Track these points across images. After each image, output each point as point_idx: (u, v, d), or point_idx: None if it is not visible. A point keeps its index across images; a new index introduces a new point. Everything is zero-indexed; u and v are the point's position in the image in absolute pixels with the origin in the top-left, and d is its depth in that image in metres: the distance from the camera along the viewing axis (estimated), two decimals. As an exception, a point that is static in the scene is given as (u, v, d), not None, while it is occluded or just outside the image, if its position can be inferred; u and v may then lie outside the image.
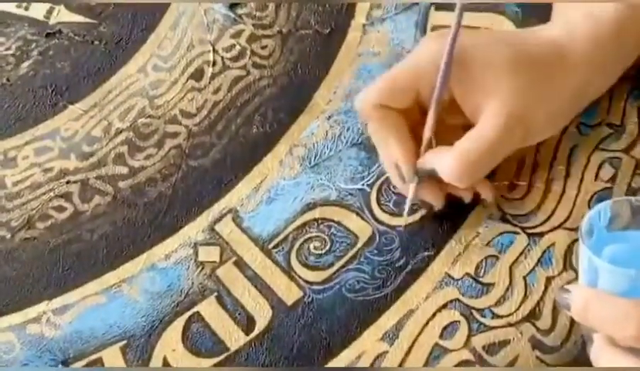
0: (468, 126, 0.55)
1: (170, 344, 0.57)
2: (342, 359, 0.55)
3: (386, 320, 0.56)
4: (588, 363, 0.49)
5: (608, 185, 0.58)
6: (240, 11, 0.72)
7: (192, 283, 0.59)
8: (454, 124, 0.57)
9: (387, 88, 0.57)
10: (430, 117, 0.56)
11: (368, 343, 0.55)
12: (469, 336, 0.54)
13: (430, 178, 0.56)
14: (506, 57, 0.54)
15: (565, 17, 0.57)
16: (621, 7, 0.56)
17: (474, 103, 0.55)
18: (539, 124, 0.55)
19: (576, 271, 0.55)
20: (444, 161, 0.54)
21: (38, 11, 0.75)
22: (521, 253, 0.56)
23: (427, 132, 0.56)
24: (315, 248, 0.59)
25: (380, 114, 0.57)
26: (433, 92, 0.55)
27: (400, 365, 0.54)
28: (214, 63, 0.69)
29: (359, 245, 0.59)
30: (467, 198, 0.58)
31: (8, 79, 0.71)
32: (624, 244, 0.49)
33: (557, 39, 0.56)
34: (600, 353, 0.48)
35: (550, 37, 0.56)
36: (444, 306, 0.55)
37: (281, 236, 0.60)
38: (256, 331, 0.57)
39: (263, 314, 0.57)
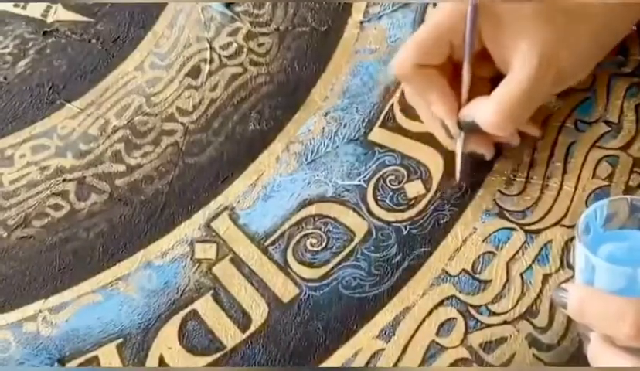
0: (497, 77, 0.56)
1: (166, 342, 0.57)
2: (339, 356, 0.55)
3: (383, 317, 0.56)
4: (585, 361, 0.49)
5: (605, 182, 0.57)
6: (237, 8, 0.72)
7: (189, 280, 0.59)
8: (483, 77, 0.58)
9: (423, 45, 0.57)
10: (466, 69, 0.56)
11: (364, 340, 0.55)
12: (466, 333, 0.54)
13: (475, 129, 0.56)
14: (533, 7, 0.55)
15: None
16: None
17: (505, 50, 0.55)
18: (568, 65, 0.56)
19: (573, 269, 0.55)
20: (484, 112, 0.55)
21: (35, 9, 0.75)
22: (518, 250, 0.56)
23: (465, 83, 0.56)
24: (312, 245, 0.59)
25: (419, 73, 0.57)
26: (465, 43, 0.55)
27: (397, 362, 0.54)
28: (211, 61, 0.69)
29: (356, 241, 0.58)
30: (514, 142, 0.59)
31: (5, 78, 0.71)
32: (621, 243, 0.49)
33: None
34: (596, 352, 0.48)
35: None
36: (441, 303, 0.55)
37: (278, 233, 0.60)
38: (252, 329, 0.57)
39: (259, 312, 0.57)
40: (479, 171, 0.59)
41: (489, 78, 0.58)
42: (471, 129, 0.57)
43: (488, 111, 0.54)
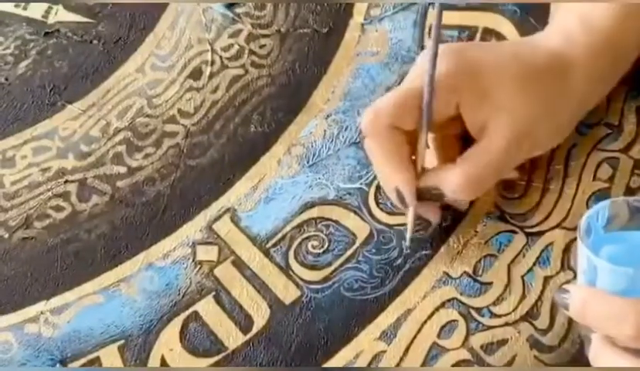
0: (462, 135, 0.55)
1: (168, 343, 0.57)
2: (340, 358, 0.55)
3: (384, 319, 0.56)
4: (586, 363, 0.49)
5: (606, 185, 0.58)
6: (238, 10, 0.72)
7: (190, 282, 0.59)
8: (448, 134, 0.57)
9: (400, 108, 0.54)
10: (422, 139, 0.55)
11: (366, 342, 0.55)
12: (467, 335, 0.54)
13: (437, 198, 0.55)
14: (515, 73, 0.54)
15: (562, 24, 0.57)
16: (616, 15, 0.56)
17: (482, 117, 0.54)
18: (545, 136, 0.56)
19: (574, 271, 0.55)
20: (449, 179, 0.54)
21: (36, 10, 0.75)
22: (519, 253, 0.56)
23: (421, 149, 0.55)
24: (313, 247, 0.59)
25: (388, 134, 0.54)
26: (439, 112, 0.54)
27: (398, 364, 0.54)
28: (212, 63, 0.69)
29: (357, 244, 0.59)
30: (462, 207, 0.58)
31: (6, 79, 0.71)
32: (622, 244, 0.49)
33: (558, 49, 0.56)
34: (598, 353, 0.48)
35: (552, 49, 0.56)
36: (442, 305, 0.55)
37: (279, 236, 0.60)
38: (254, 331, 0.57)
39: (261, 314, 0.57)
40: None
41: (456, 135, 0.56)
42: (429, 198, 0.55)
43: (455, 178, 0.53)
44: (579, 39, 0.56)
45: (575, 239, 0.50)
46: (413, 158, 0.55)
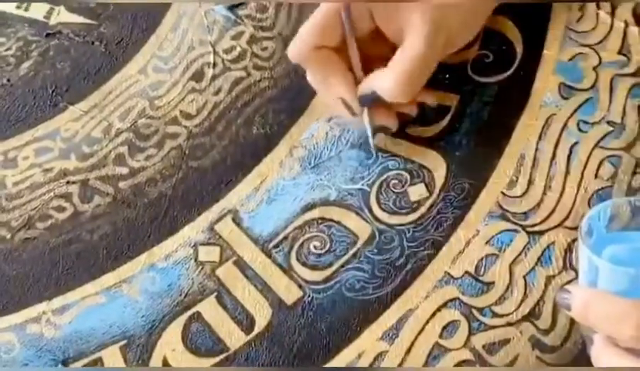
0: (392, 55, 0.58)
1: (170, 344, 0.57)
2: (342, 358, 0.55)
3: (386, 319, 0.56)
4: (588, 363, 0.49)
5: (608, 183, 0.57)
6: (240, 12, 0.72)
7: (192, 283, 0.59)
8: (381, 56, 0.59)
9: (319, 28, 0.59)
10: (351, 45, 0.59)
11: (368, 342, 0.55)
12: (469, 335, 0.54)
13: (376, 102, 0.59)
14: None
15: None
16: None
17: (397, 22, 0.58)
18: (456, 27, 0.58)
19: (575, 271, 0.55)
20: (383, 82, 0.57)
21: (38, 11, 0.75)
22: (521, 252, 0.56)
23: (353, 57, 0.59)
24: (315, 248, 0.59)
25: (316, 55, 0.59)
26: (359, 23, 0.58)
27: (400, 364, 0.54)
28: (214, 65, 0.69)
29: (359, 244, 0.59)
30: (413, 112, 0.62)
31: (8, 80, 0.71)
32: (624, 244, 0.49)
33: None
34: (600, 353, 0.48)
35: None
36: (444, 305, 0.55)
37: (281, 236, 0.60)
38: (256, 331, 0.57)
39: (263, 314, 0.57)
40: (481, 172, 0.59)
41: (386, 57, 0.58)
42: (371, 102, 0.59)
43: (386, 80, 0.57)
44: None
45: (577, 238, 0.50)
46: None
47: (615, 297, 0.46)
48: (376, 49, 0.60)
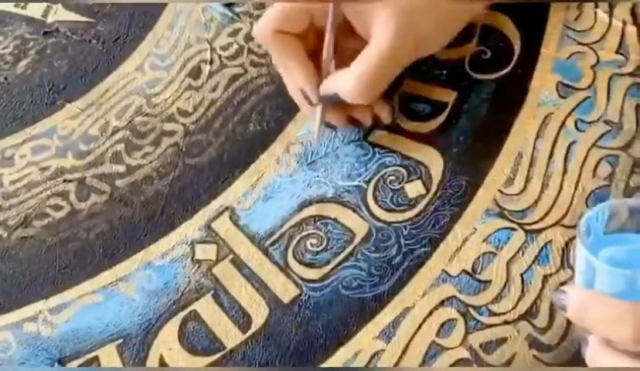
0: (362, 49, 0.57)
1: (166, 342, 0.57)
2: (339, 356, 0.55)
3: (383, 317, 0.56)
4: (585, 361, 0.49)
5: (606, 182, 0.57)
6: (237, 9, 0.72)
7: (189, 281, 0.59)
8: (350, 48, 0.58)
9: (284, 12, 0.59)
10: (328, 39, 0.58)
11: (365, 341, 0.55)
12: (466, 334, 0.54)
13: (335, 101, 0.58)
14: None
15: None
16: None
17: (366, 20, 0.57)
18: (428, 32, 0.58)
19: (573, 269, 0.54)
20: (345, 82, 0.57)
21: (35, 9, 0.75)
22: (518, 250, 0.56)
23: (326, 53, 0.59)
24: (312, 245, 0.59)
25: (279, 39, 0.59)
26: (326, 15, 0.57)
27: (397, 363, 0.54)
28: (211, 62, 0.69)
29: (356, 242, 0.58)
30: (366, 122, 0.62)
31: (5, 78, 0.71)
32: (622, 246, 0.49)
33: None
34: (595, 355, 0.47)
35: None
36: (441, 303, 0.55)
37: (278, 234, 0.60)
38: (252, 329, 0.57)
39: (259, 312, 0.57)
40: (479, 170, 0.59)
41: (356, 50, 0.58)
42: (332, 103, 0.59)
43: (348, 82, 0.56)
44: None
45: (574, 237, 0.50)
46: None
47: (612, 299, 0.46)
48: (349, 43, 0.59)
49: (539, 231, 0.56)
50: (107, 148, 0.66)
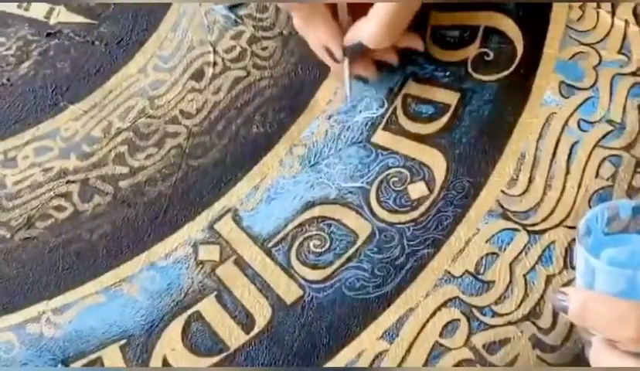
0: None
1: (170, 343, 0.57)
2: (342, 357, 0.55)
3: (386, 318, 0.56)
4: (589, 362, 0.49)
5: (609, 183, 0.57)
6: (240, 12, 0.72)
7: (192, 282, 0.59)
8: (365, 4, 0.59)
9: None
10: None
11: (368, 342, 0.55)
12: (469, 334, 0.54)
13: (358, 54, 0.61)
14: None
15: None
16: None
17: None
18: None
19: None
20: (366, 30, 0.58)
21: (38, 11, 0.75)
22: (521, 251, 0.56)
23: (341, 14, 0.61)
24: (315, 246, 0.59)
25: (305, 4, 0.60)
26: None
27: (400, 363, 0.54)
28: (214, 64, 0.69)
29: (359, 243, 0.58)
30: (393, 61, 0.64)
31: (8, 80, 0.71)
32: (622, 247, 0.49)
33: None
34: (598, 356, 0.47)
35: None
36: (444, 304, 0.55)
37: (281, 235, 0.60)
38: (256, 330, 0.57)
39: (263, 313, 0.57)
40: (482, 171, 0.59)
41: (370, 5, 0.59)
42: (355, 52, 0.61)
43: (369, 28, 0.58)
44: None
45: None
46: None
47: (613, 299, 0.46)
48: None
49: (542, 232, 0.56)
50: (110, 149, 0.66)
